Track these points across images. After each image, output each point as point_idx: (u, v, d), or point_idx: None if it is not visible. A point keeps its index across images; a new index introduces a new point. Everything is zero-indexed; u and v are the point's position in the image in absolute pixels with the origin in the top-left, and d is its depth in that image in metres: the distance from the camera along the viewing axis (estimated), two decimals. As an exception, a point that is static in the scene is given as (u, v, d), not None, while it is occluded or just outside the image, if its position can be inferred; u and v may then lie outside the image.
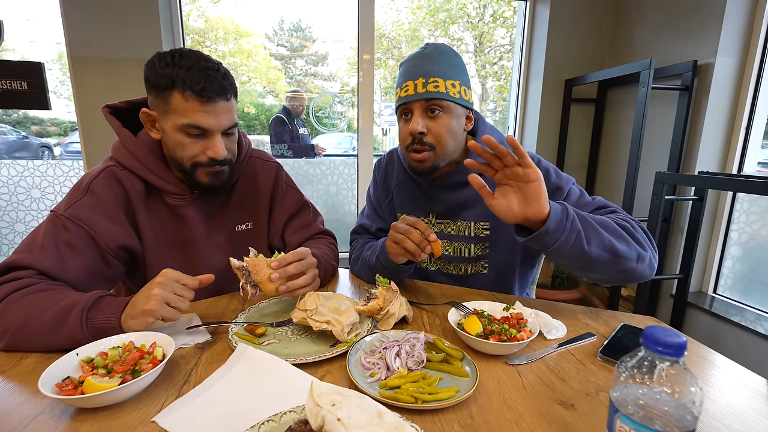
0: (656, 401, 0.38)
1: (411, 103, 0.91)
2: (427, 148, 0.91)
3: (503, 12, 4.11)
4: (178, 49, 0.80)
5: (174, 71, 0.76)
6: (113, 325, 0.68)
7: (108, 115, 0.88)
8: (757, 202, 1.84)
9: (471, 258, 1.02)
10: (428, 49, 0.92)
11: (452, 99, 0.90)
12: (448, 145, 0.92)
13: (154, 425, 0.51)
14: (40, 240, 0.77)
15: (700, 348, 0.74)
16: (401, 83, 0.93)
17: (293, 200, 1.09)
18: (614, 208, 0.90)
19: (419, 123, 0.89)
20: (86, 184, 0.83)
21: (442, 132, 0.90)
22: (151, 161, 0.86)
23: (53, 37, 2.27)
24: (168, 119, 0.80)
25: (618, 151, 2.38)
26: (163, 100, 0.79)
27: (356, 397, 0.45)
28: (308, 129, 2.86)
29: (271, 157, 1.09)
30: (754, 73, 1.79)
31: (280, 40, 3.35)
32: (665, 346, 0.37)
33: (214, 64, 0.80)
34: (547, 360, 0.68)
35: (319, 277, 0.94)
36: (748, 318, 1.77)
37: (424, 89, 0.88)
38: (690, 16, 1.93)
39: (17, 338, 0.67)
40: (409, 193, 1.08)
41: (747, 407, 0.57)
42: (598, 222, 0.76)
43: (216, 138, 0.82)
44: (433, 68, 0.89)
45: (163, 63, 0.77)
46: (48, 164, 2.32)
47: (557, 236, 0.71)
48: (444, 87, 0.89)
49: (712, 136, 1.89)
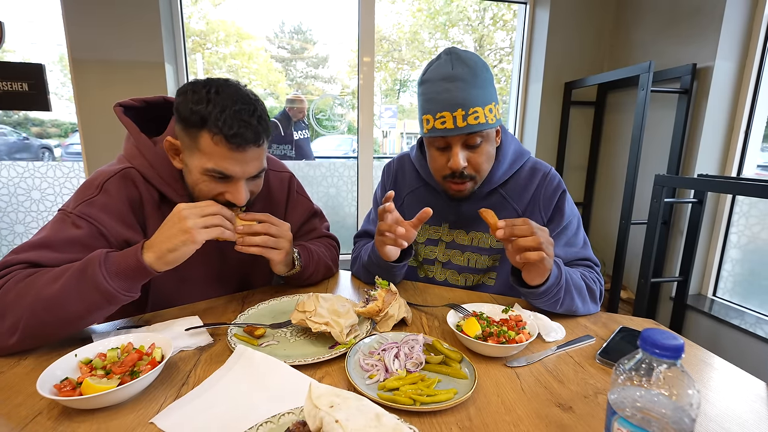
0: (654, 404, 0.38)
1: (449, 138, 0.86)
2: (467, 179, 0.90)
3: (503, 15, 4.12)
4: (215, 82, 0.74)
5: (207, 110, 0.71)
6: (137, 263, 0.67)
7: (122, 115, 0.84)
8: (757, 205, 1.84)
9: (481, 269, 1.02)
10: (458, 69, 0.83)
11: (490, 126, 0.86)
12: (486, 172, 0.93)
13: (152, 426, 0.51)
14: (46, 238, 0.73)
15: (699, 351, 0.74)
16: (434, 112, 0.85)
17: (303, 210, 1.08)
18: (593, 262, 0.97)
19: (461, 158, 0.86)
20: (100, 183, 0.79)
21: (482, 162, 0.89)
22: (168, 174, 0.83)
23: (54, 38, 2.28)
24: (193, 157, 0.75)
25: (617, 153, 2.39)
26: (191, 136, 0.74)
27: (354, 399, 0.45)
28: (309, 132, 2.87)
29: (283, 166, 1.07)
30: (753, 76, 1.80)
31: (281, 42, 3.36)
32: (663, 348, 0.37)
33: (250, 105, 0.74)
34: (546, 362, 0.68)
35: (311, 270, 0.95)
36: (748, 321, 1.77)
37: (464, 122, 0.83)
38: (689, 19, 1.93)
39: (32, 324, 0.63)
40: (422, 201, 1.06)
41: (746, 410, 0.57)
42: (576, 288, 0.84)
43: (240, 184, 0.78)
44: (470, 95, 0.83)
45: (197, 98, 0.72)
46: (48, 165, 2.32)
47: (541, 297, 0.81)
48: (483, 116, 0.84)
49: (711, 139, 1.89)
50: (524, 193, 0.98)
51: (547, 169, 1.00)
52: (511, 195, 0.98)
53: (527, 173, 0.99)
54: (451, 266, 1.04)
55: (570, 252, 0.95)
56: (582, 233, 0.99)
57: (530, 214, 0.97)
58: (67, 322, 0.65)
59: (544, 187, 0.97)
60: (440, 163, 0.91)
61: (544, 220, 0.96)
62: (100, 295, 0.65)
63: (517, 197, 0.98)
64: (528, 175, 0.99)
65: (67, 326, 0.66)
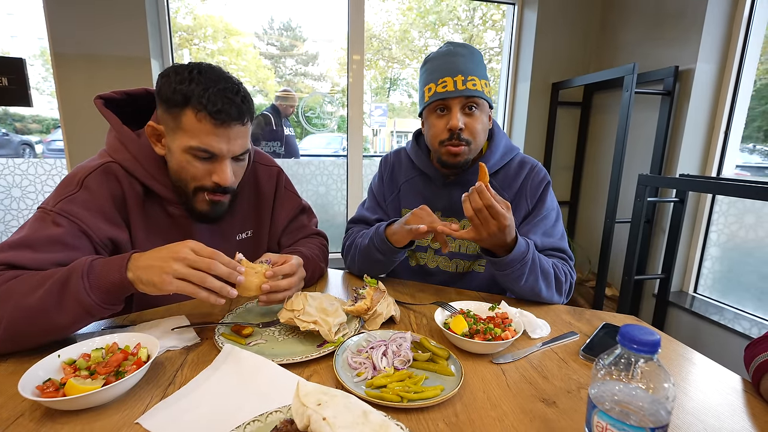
0: (632, 397, 0.39)
1: (449, 100, 0.93)
2: (464, 143, 0.95)
3: (492, 15, 4.15)
4: (197, 64, 0.75)
5: (190, 88, 0.71)
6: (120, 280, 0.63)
7: (103, 108, 0.82)
8: (735, 204, 1.89)
9: (472, 255, 1.06)
10: (459, 48, 0.96)
11: (486, 97, 0.96)
12: (481, 141, 0.99)
13: (138, 427, 0.50)
14: (26, 238, 0.70)
15: (678, 346, 0.76)
16: (436, 79, 0.94)
17: (292, 206, 1.07)
18: (567, 255, 1.01)
19: (459, 119, 0.93)
20: (80, 178, 0.77)
21: (478, 128, 0.95)
22: (152, 166, 0.81)
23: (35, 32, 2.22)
24: (176, 138, 0.75)
25: (603, 153, 2.43)
26: (174, 117, 0.74)
27: (342, 397, 0.45)
28: (296, 129, 2.85)
29: (271, 160, 1.07)
30: (733, 78, 1.85)
31: (270, 39, 3.33)
32: (640, 343, 0.38)
33: (234, 84, 0.75)
34: (531, 358, 0.70)
35: (307, 278, 0.94)
36: (727, 317, 1.82)
37: (464, 86, 0.92)
38: (672, 23, 1.98)
39: (11, 331, 0.61)
40: (416, 189, 1.11)
41: (721, 403, 0.59)
42: (542, 271, 0.90)
43: (225, 163, 0.77)
44: (469, 66, 0.93)
45: (180, 78, 0.72)
46: (29, 162, 2.26)
47: (504, 269, 0.86)
48: (480, 86, 0.94)
49: (692, 139, 1.94)
50: (513, 184, 1.04)
51: (535, 162, 1.07)
52: (501, 186, 1.04)
53: (516, 166, 1.05)
54: (442, 253, 1.08)
55: (547, 242, 1.00)
56: (560, 226, 1.04)
57: (517, 202, 1.03)
58: (47, 332, 0.64)
59: (531, 178, 1.03)
60: (439, 128, 0.96)
61: (529, 207, 1.03)
62: (81, 308, 0.63)
63: (507, 187, 1.04)
64: (517, 168, 1.05)
65: (47, 335, 0.65)
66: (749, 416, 0.56)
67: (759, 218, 1.80)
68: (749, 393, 0.61)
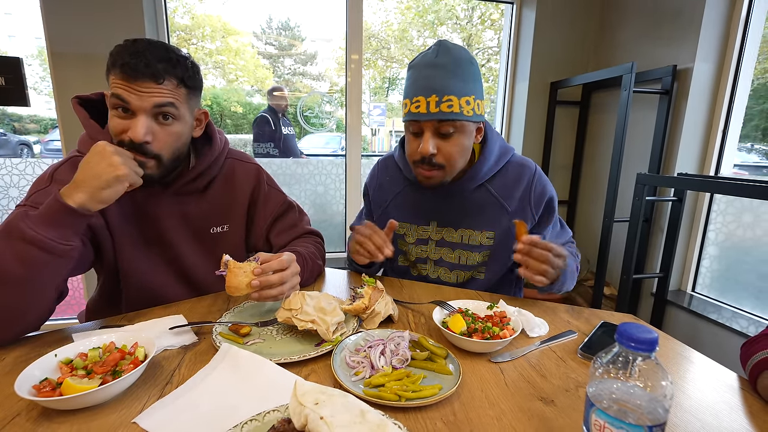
0: (629, 395, 0.39)
1: (421, 122, 0.88)
2: (436, 168, 0.90)
3: (491, 14, 4.15)
4: (137, 38, 0.80)
5: (115, 51, 0.77)
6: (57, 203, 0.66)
7: (76, 105, 0.86)
8: (733, 203, 1.90)
9: (473, 266, 1.03)
10: (442, 57, 0.86)
11: (465, 118, 0.86)
12: (458, 164, 0.93)
13: (135, 426, 0.50)
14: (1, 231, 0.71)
15: (676, 345, 0.76)
16: (411, 95, 0.88)
17: (277, 202, 1.07)
18: (570, 240, 1.10)
19: (430, 144, 0.87)
20: (50, 174, 0.82)
21: (453, 152, 0.89)
22: None
23: (33, 31, 2.21)
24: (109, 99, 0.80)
25: (601, 152, 2.43)
26: (108, 80, 0.79)
27: (340, 396, 0.45)
28: (296, 129, 2.84)
29: (251, 159, 1.07)
30: (731, 77, 1.85)
31: (269, 38, 3.32)
32: (638, 341, 0.38)
33: (160, 49, 0.78)
34: (529, 357, 0.70)
35: (305, 276, 0.94)
36: (725, 315, 1.82)
37: (437, 109, 0.84)
38: (670, 22, 1.98)
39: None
40: (407, 201, 1.07)
41: (719, 401, 0.59)
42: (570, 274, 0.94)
43: (139, 118, 0.77)
44: (447, 84, 0.84)
45: (115, 48, 0.78)
46: (27, 162, 2.25)
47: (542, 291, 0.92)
48: (458, 106, 0.85)
49: (690, 138, 1.94)
50: (514, 192, 1.00)
51: (533, 166, 1.03)
52: (500, 193, 1.00)
53: (514, 171, 1.01)
54: (443, 264, 1.05)
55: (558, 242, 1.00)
56: (566, 226, 1.12)
57: (521, 211, 1.00)
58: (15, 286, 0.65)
59: (533, 186, 1.00)
60: (413, 148, 0.92)
61: (535, 216, 1.01)
62: (31, 245, 0.65)
63: (507, 195, 1.00)
64: (516, 174, 1.01)
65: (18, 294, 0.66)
66: (747, 414, 0.56)
67: (757, 217, 1.81)
68: (746, 391, 0.62)
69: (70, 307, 2.28)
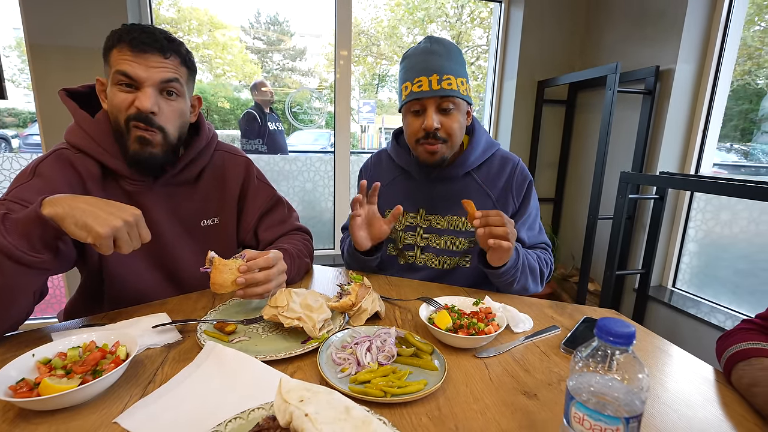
0: (608, 388, 0.40)
1: (425, 100, 0.94)
2: (440, 141, 0.96)
3: (480, 13, 4.17)
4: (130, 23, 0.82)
5: (118, 31, 0.78)
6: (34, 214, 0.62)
7: (64, 97, 0.85)
8: (712, 201, 1.95)
9: (458, 252, 1.07)
10: (435, 46, 0.95)
11: (462, 96, 0.95)
12: (458, 139, 0.99)
13: (116, 426, 0.49)
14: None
15: (656, 339, 0.78)
16: (412, 78, 0.95)
17: (266, 196, 1.07)
18: (546, 244, 1.10)
19: (434, 119, 0.93)
20: (32, 167, 0.79)
21: (454, 127, 0.96)
22: (108, 143, 0.83)
23: (10, 22, 2.14)
24: (109, 77, 0.80)
25: (586, 151, 2.47)
26: (107, 59, 0.79)
27: (325, 393, 0.45)
28: (284, 125, 2.81)
29: (241, 152, 1.07)
30: (711, 78, 1.90)
31: (257, 33, 3.28)
32: (616, 335, 0.39)
33: (161, 30, 0.81)
34: (514, 352, 0.71)
35: (292, 274, 0.94)
36: (703, 310, 1.88)
37: (438, 86, 0.92)
38: (654, 24, 2.02)
39: None
40: (398, 189, 1.12)
41: (694, 393, 0.61)
42: (530, 269, 0.98)
43: (145, 90, 0.78)
44: (444, 65, 0.93)
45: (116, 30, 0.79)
46: (5, 157, 2.18)
47: (501, 277, 0.93)
48: (456, 84, 0.93)
49: (672, 138, 1.99)
50: (497, 181, 1.06)
51: (516, 159, 1.09)
52: (485, 182, 1.06)
53: (499, 162, 1.07)
54: (429, 250, 1.09)
55: (531, 236, 1.07)
56: (539, 220, 1.11)
57: (504, 200, 1.05)
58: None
59: (515, 176, 1.06)
60: (415, 127, 0.97)
61: (516, 205, 1.06)
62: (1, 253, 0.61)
63: (491, 184, 1.06)
64: (500, 165, 1.07)
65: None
66: (721, 405, 0.58)
67: (734, 215, 1.86)
68: (721, 383, 0.64)
69: (50, 306, 2.22)
